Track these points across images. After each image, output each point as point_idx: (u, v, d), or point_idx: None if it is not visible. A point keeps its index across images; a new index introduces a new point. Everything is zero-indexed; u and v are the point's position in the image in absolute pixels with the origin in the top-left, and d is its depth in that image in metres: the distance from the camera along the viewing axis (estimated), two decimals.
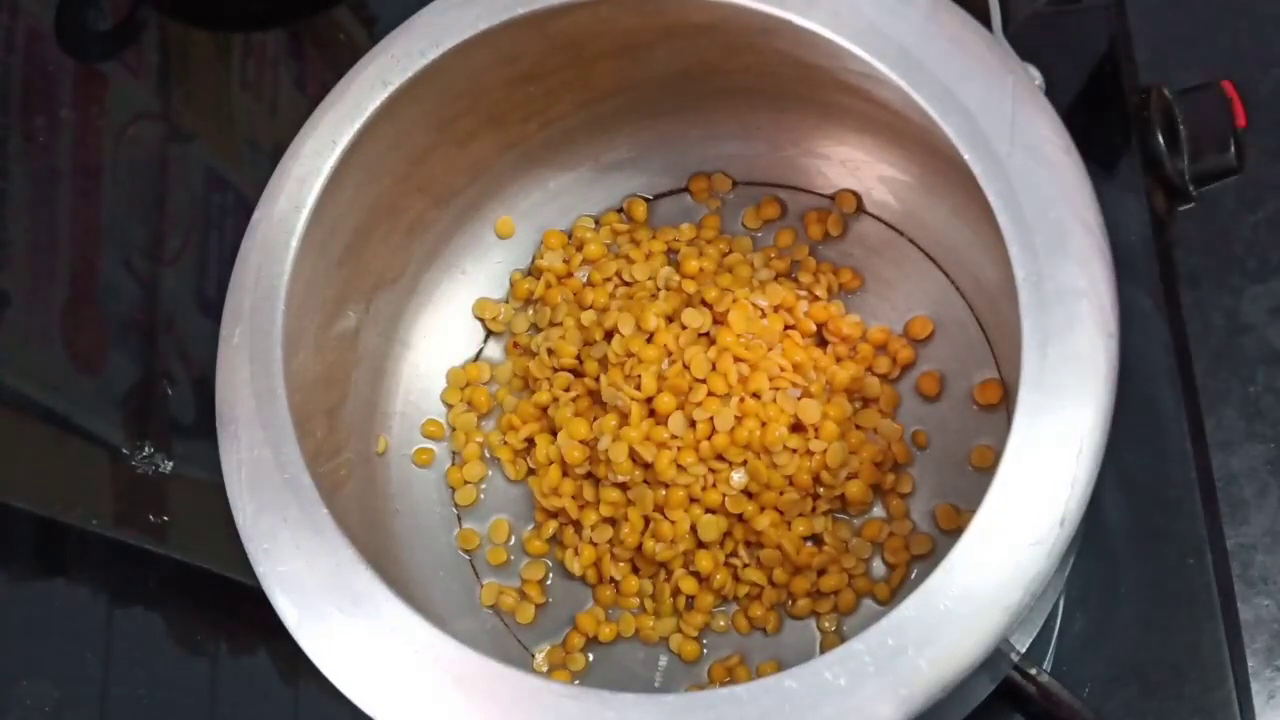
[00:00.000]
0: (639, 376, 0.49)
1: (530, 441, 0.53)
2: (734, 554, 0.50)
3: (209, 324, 0.46)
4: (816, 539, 0.50)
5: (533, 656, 0.51)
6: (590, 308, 0.53)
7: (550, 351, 0.52)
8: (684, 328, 0.50)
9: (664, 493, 0.49)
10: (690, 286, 0.52)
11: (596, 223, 0.56)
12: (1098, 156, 0.43)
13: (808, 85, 0.48)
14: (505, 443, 0.53)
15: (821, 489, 0.50)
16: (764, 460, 0.49)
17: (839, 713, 0.37)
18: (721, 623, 0.50)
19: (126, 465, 0.58)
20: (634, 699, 0.38)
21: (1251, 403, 0.52)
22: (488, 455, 0.54)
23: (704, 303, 0.51)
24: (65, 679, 0.56)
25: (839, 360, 0.51)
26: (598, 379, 0.51)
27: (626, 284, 0.54)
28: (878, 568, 0.50)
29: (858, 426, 0.50)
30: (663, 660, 0.50)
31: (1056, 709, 0.48)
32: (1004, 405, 0.50)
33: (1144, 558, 0.51)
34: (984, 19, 0.44)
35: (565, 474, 0.51)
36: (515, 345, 0.54)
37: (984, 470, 0.50)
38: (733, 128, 0.54)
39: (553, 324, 0.53)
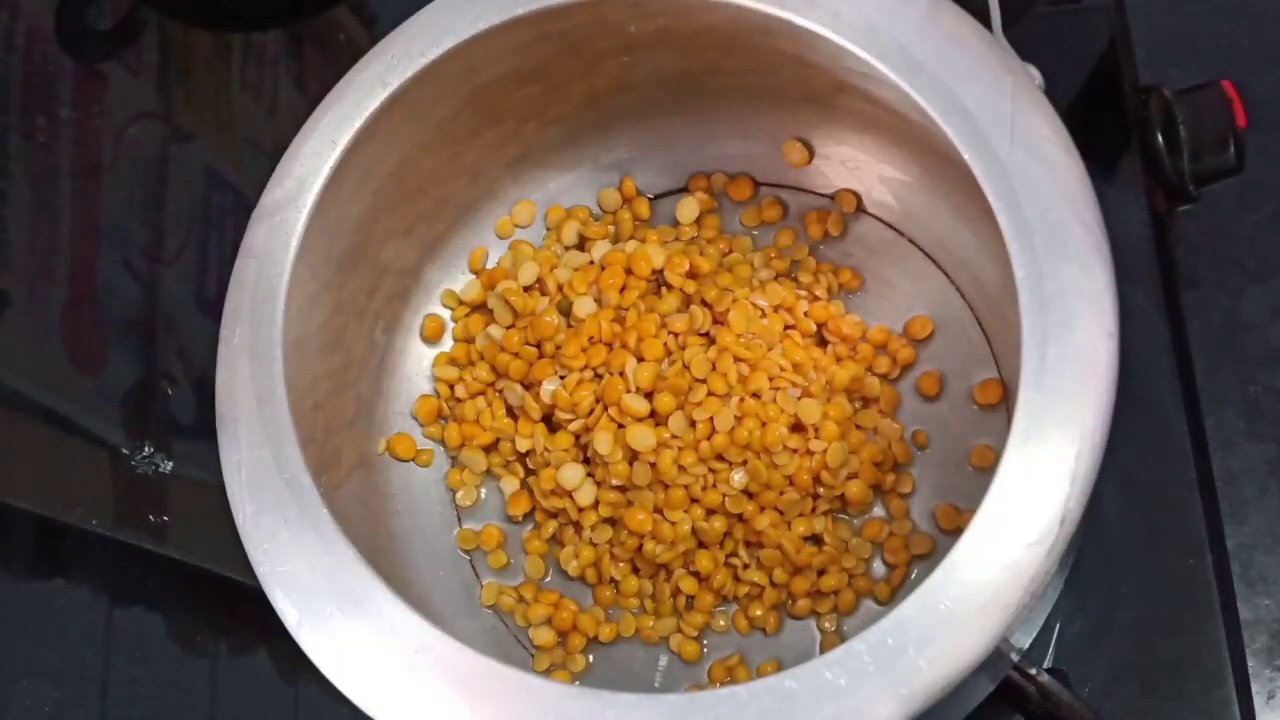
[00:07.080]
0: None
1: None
2: (734, 554, 0.50)
3: (209, 324, 0.46)
4: (816, 539, 0.50)
5: (533, 656, 0.51)
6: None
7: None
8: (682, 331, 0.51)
9: (664, 493, 0.49)
10: (690, 286, 0.51)
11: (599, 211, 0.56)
12: (1098, 156, 0.43)
13: (808, 85, 0.48)
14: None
15: (821, 489, 0.50)
16: (764, 460, 0.49)
17: (839, 713, 0.37)
18: (721, 623, 0.50)
19: (126, 465, 0.58)
20: (634, 699, 0.38)
21: (1251, 403, 0.52)
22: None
23: (704, 303, 0.51)
24: (65, 679, 0.56)
25: (839, 360, 0.51)
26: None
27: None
28: (878, 568, 0.50)
29: (858, 426, 0.50)
30: (663, 660, 0.50)
31: (1056, 709, 0.48)
32: (1004, 405, 0.50)
33: (1144, 558, 0.51)
34: (984, 19, 0.44)
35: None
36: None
37: (984, 470, 0.50)
38: (733, 128, 0.53)
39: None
